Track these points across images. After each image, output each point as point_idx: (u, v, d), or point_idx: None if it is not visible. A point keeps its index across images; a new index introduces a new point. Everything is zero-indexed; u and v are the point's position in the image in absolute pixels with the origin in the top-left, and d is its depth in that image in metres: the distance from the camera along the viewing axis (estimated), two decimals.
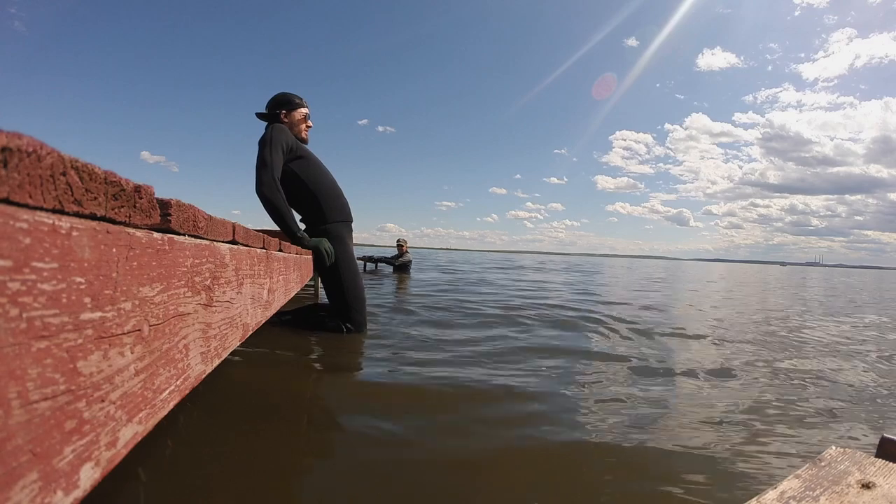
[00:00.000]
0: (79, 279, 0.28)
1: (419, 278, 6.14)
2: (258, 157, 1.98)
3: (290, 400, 1.29)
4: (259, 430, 1.06)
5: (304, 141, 2.26)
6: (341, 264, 2.20)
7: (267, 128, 2.12)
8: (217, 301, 0.57)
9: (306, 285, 4.04)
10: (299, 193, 2.15)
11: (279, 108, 2.25)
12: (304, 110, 2.27)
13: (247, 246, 0.78)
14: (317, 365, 1.64)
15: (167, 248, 0.41)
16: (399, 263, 7.17)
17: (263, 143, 2.02)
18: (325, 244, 2.08)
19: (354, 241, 2.35)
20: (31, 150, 0.24)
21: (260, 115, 2.28)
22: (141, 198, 0.37)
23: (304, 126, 2.26)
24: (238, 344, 0.70)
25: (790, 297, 6.37)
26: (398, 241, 7.44)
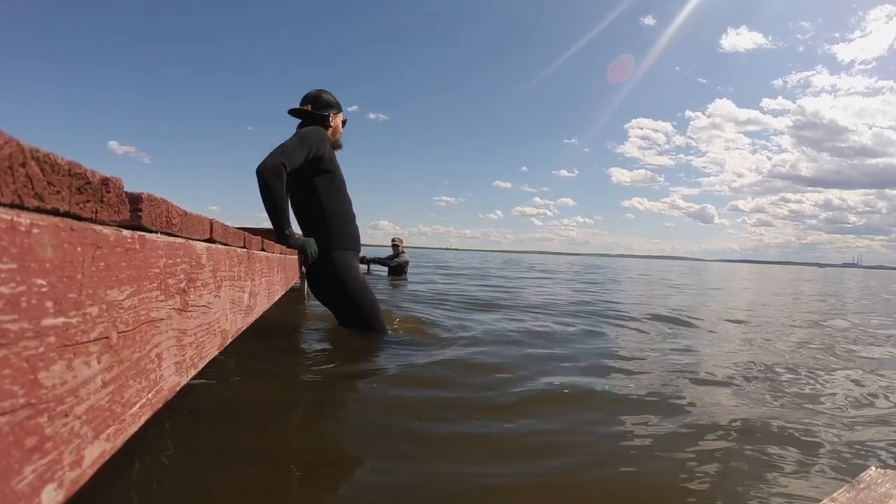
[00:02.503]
0: (40, 281, 0.28)
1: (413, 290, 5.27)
2: (282, 143, 1.96)
3: (275, 418, 1.29)
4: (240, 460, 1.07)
5: (340, 145, 2.31)
6: (359, 294, 2.21)
7: (307, 127, 2.14)
8: (193, 305, 0.57)
9: (291, 289, 4.03)
10: (313, 210, 2.16)
11: (329, 110, 2.25)
12: (343, 115, 2.33)
13: (226, 245, 0.78)
14: (308, 377, 1.65)
15: (138, 246, 0.41)
16: (394, 265, 7.18)
17: (298, 136, 2.03)
18: (312, 246, 2.08)
19: None
20: None
21: (297, 113, 2.26)
22: (108, 191, 0.37)
23: (343, 129, 2.33)
24: (216, 353, 0.70)
25: (868, 313, 5.11)
26: (393, 240, 7.45)
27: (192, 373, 0.58)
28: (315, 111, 2.24)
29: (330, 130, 2.25)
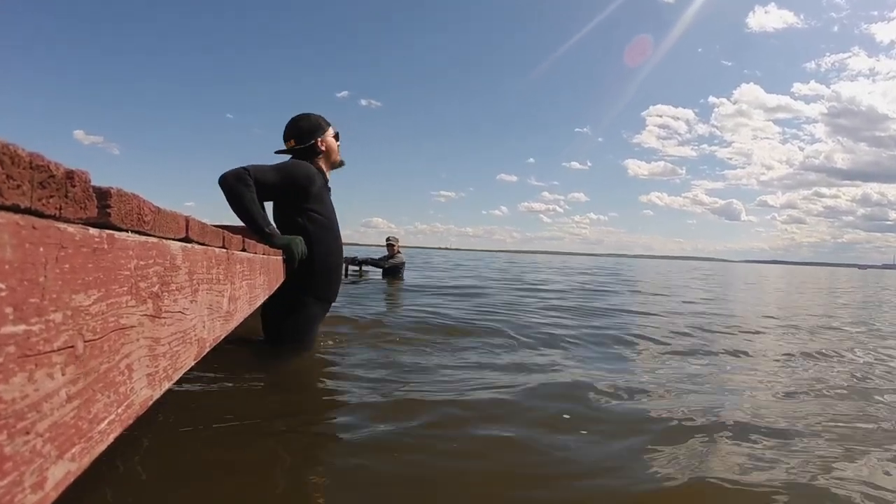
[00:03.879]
0: None
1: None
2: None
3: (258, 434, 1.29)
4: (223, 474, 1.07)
5: (341, 163, 2.32)
6: (305, 344, 2.18)
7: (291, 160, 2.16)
8: (167, 311, 0.57)
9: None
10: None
11: (313, 136, 2.22)
12: (333, 130, 2.31)
13: (203, 244, 0.78)
14: (287, 389, 1.65)
15: (106, 246, 0.41)
16: (389, 266, 7.18)
17: (274, 165, 2.05)
18: (300, 245, 2.06)
19: None
20: None
21: (287, 152, 2.26)
22: (74, 186, 0.37)
23: (337, 147, 2.31)
24: (193, 363, 0.70)
25: None
26: (388, 239, 7.45)
27: (166, 385, 0.58)
28: (300, 145, 2.22)
29: (322, 157, 2.24)
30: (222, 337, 0.93)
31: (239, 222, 1.94)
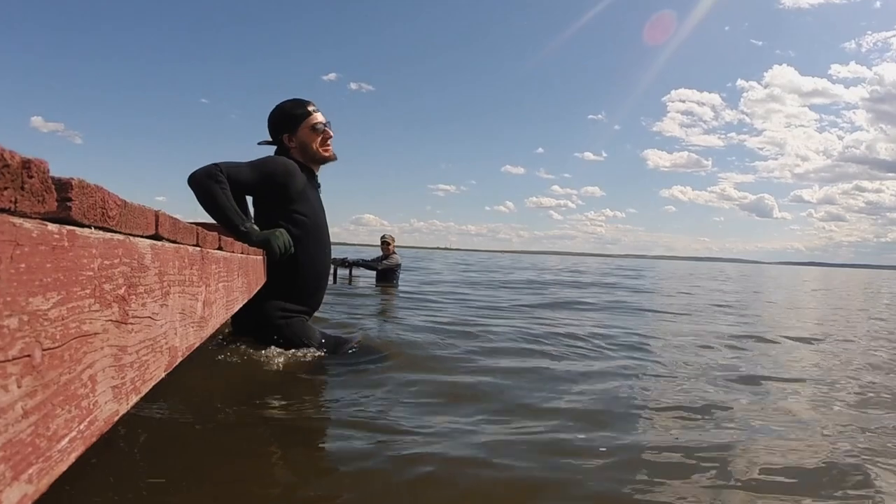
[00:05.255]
0: None
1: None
2: None
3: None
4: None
5: (325, 159, 2.23)
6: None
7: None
8: (134, 317, 0.57)
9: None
10: (286, 263, 2.12)
11: (281, 132, 2.19)
12: (313, 120, 2.20)
13: (175, 242, 0.78)
14: (274, 405, 1.65)
15: (67, 244, 0.41)
16: (383, 267, 7.17)
17: (250, 162, 2.05)
18: (281, 238, 2.03)
19: None
20: None
21: (265, 143, 2.28)
22: (31, 177, 0.37)
23: (318, 141, 2.20)
24: (163, 374, 0.70)
25: None
26: (383, 237, 7.44)
27: (134, 399, 0.58)
28: (273, 139, 2.23)
29: (295, 152, 2.21)
30: (196, 345, 0.93)
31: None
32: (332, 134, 2.23)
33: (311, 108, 2.21)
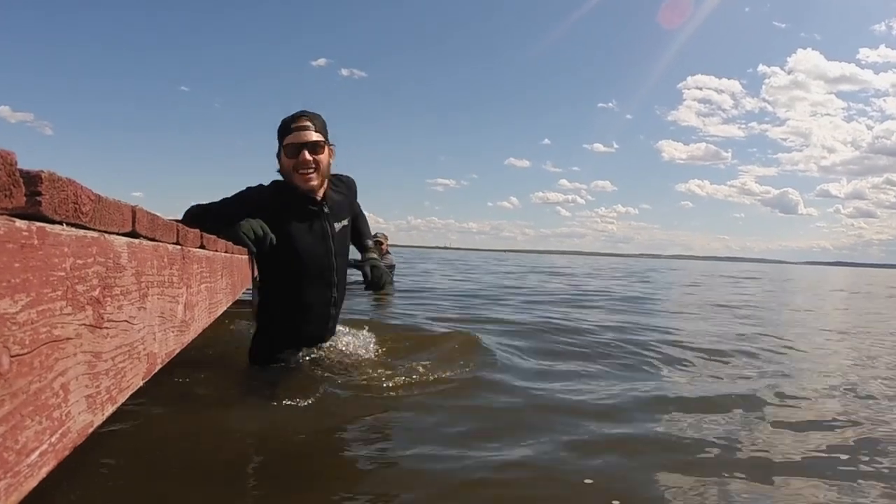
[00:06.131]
0: None
1: None
2: None
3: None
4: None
5: (305, 191, 2.10)
6: None
7: None
8: (110, 320, 0.57)
9: (241, 299, 4.00)
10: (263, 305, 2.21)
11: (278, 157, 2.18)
12: (289, 139, 2.05)
13: (153, 240, 0.77)
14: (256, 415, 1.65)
15: (36, 242, 0.41)
16: None
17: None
18: (247, 225, 1.88)
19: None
20: None
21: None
22: None
23: (291, 165, 2.06)
24: (142, 382, 0.70)
25: None
26: (376, 235, 7.42)
27: (110, 409, 0.58)
28: None
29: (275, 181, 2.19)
30: (177, 351, 0.92)
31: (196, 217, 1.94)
32: (308, 159, 2.03)
33: (293, 125, 2.06)
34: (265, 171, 2.23)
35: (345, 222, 2.24)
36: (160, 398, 1.69)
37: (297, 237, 2.11)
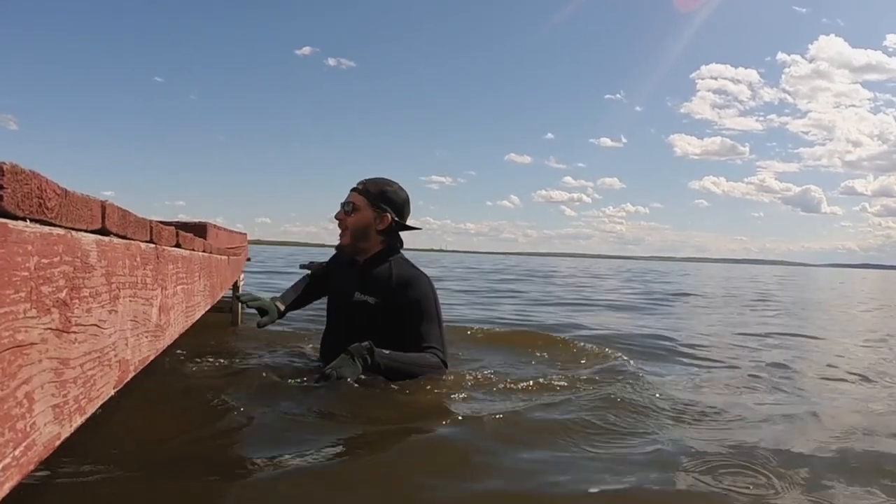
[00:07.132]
0: None
1: None
2: None
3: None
4: None
5: (345, 250, 2.46)
6: None
7: None
8: (78, 324, 0.57)
9: (220, 304, 3.94)
10: None
11: None
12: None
13: (125, 238, 0.77)
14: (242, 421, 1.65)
15: None
16: None
17: None
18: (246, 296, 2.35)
19: (289, 240, 2.45)
20: None
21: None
22: None
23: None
24: (113, 391, 0.70)
25: None
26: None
27: (78, 420, 0.58)
28: None
29: None
30: (151, 358, 0.92)
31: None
32: (339, 218, 2.39)
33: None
34: (250, 168, 2.27)
35: (369, 299, 2.36)
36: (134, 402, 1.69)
37: (334, 288, 2.54)
